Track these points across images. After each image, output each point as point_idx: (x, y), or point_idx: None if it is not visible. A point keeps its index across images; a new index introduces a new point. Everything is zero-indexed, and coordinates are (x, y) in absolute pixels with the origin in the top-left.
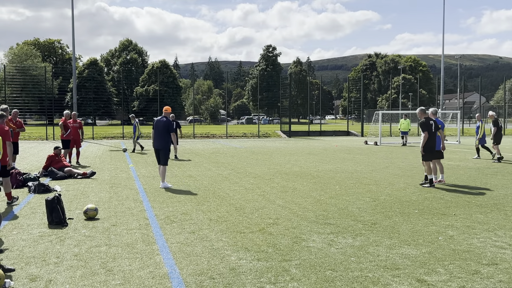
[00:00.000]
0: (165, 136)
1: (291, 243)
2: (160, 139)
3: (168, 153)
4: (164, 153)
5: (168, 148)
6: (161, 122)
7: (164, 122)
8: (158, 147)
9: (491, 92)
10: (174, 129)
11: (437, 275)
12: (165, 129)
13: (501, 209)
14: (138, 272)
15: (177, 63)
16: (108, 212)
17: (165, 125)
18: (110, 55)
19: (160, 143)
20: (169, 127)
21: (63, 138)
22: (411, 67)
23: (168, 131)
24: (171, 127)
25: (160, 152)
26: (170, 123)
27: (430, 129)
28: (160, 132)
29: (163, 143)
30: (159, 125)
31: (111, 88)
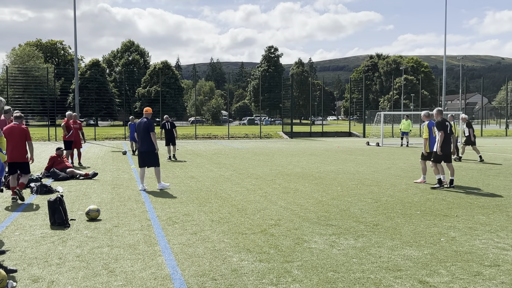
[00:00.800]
0: (147, 137)
1: (293, 244)
2: (143, 141)
3: (155, 154)
4: (150, 155)
5: (153, 149)
6: (141, 124)
7: (144, 123)
8: (142, 149)
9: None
10: (153, 129)
11: (439, 277)
12: (145, 130)
13: (503, 211)
14: (140, 273)
15: (179, 64)
16: (110, 213)
17: (145, 126)
18: (112, 56)
19: (144, 145)
20: (149, 127)
21: (66, 139)
22: (413, 68)
23: (148, 132)
24: (151, 127)
25: (144, 155)
26: (150, 124)
27: (446, 130)
28: (141, 134)
29: (147, 144)
30: (140, 127)
31: (113, 89)
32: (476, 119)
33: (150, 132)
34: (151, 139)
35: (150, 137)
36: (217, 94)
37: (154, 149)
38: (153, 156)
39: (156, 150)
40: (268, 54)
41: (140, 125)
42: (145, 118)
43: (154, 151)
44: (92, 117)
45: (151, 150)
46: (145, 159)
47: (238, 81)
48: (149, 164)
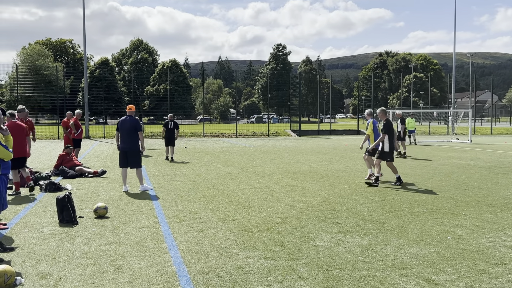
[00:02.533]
0: (133, 136)
1: (299, 242)
2: (127, 140)
3: (139, 154)
4: (133, 155)
5: (137, 149)
6: (126, 122)
7: (129, 121)
8: (125, 148)
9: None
10: (141, 128)
11: (445, 275)
12: (132, 128)
13: (511, 209)
14: (147, 270)
15: (187, 62)
16: (118, 211)
17: (131, 125)
18: (121, 55)
19: (127, 144)
20: (136, 126)
21: (74, 137)
22: (422, 66)
23: (135, 130)
24: (138, 125)
25: (128, 154)
26: (136, 122)
27: (392, 132)
28: (126, 132)
29: (131, 144)
30: (125, 125)
31: (122, 87)
32: (486, 117)
33: (138, 131)
34: (136, 139)
35: (136, 136)
36: (225, 92)
37: (138, 149)
38: (137, 156)
39: (142, 150)
40: (276, 52)
41: (125, 123)
42: (129, 116)
43: (139, 151)
44: (101, 116)
45: (136, 150)
46: (128, 159)
47: (246, 79)
48: (131, 165)
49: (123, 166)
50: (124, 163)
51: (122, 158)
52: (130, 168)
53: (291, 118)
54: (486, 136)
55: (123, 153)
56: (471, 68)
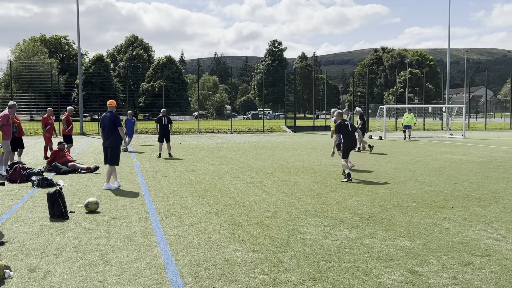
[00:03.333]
0: (112, 132)
1: (287, 235)
2: (107, 135)
3: (117, 151)
4: (112, 151)
5: (117, 145)
6: (106, 118)
7: (109, 116)
8: (105, 144)
9: (498, 86)
10: (121, 123)
11: (429, 266)
12: (110, 124)
13: (499, 202)
14: (135, 263)
15: (183, 58)
16: (109, 206)
17: (110, 120)
18: (116, 51)
19: (107, 140)
20: (116, 122)
21: (65, 133)
22: (418, 61)
23: (114, 126)
24: (118, 121)
25: (108, 150)
26: (116, 117)
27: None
28: (106, 128)
29: (111, 140)
30: (105, 121)
31: (117, 84)
32: (481, 113)
33: (117, 127)
34: (117, 134)
35: (116, 132)
36: (221, 88)
37: (118, 145)
38: (115, 153)
39: (121, 146)
40: (272, 48)
41: (105, 119)
42: (109, 112)
43: (118, 148)
44: (96, 112)
45: (115, 146)
46: (108, 154)
47: (242, 76)
48: (109, 161)
49: (106, 163)
50: (107, 160)
51: (104, 154)
52: (105, 164)
53: (287, 114)
54: (480, 132)
55: (105, 149)
56: (465, 64)
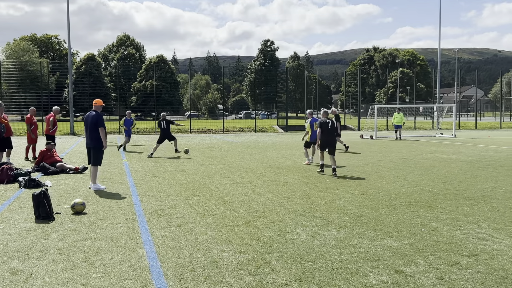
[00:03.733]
0: (95, 132)
1: (275, 235)
2: (91, 136)
3: (100, 152)
4: (94, 152)
5: (99, 146)
6: (89, 117)
7: (92, 116)
8: (88, 144)
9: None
10: (104, 124)
11: (416, 266)
12: (92, 124)
13: (488, 201)
14: (120, 265)
15: (175, 58)
16: (96, 207)
17: (93, 120)
18: (107, 50)
19: (89, 140)
20: (98, 121)
21: (49, 134)
22: (409, 61)
23: (96, 127)
24: (100, 121)
25: (91, 150)
26: (98, 117)
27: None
28: (89, 128)
29: (93, 140)
30: (87, 120)
31: (109, 83)
32: (472, 112)
33: (99, 127)
34: (99, 135)
35: (97, 132)
36: (213, 88)
37: (100, 146)
38: (98, 153)
39: (103, 147)
40: (264, 47)
41: (88, 118)
42: (94, 111)
43: (101, 148)
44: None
45: (97, 147)
46: (91, 154)
47: (235, 75)
48: (91, 161)
49: (89, 163)
50: (90, 160)
51: (88, 154)
52: (89, 164)
53: (279, 113)
54: (471, 131)
55: (88, 149)
56: (456, 64)
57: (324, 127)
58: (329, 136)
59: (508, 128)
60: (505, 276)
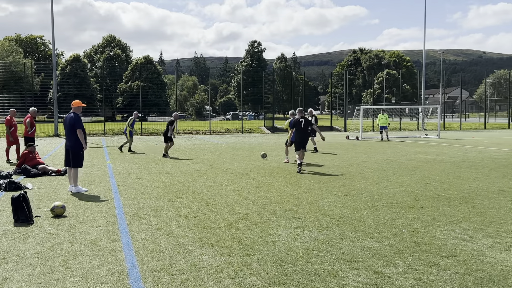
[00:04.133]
0: (73, 134)
1: (256, 237)
2: (69, 138)
3: (79, 154)
4: (74, 153)
5: (78, 148)
6: (67, 119)
7: (70, 118)
8: (67, 146)
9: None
10: (81, 126)
11: (395, 267)
12: (70, 126)
13: (469, 202)
14: (98, 269)
15: (162, 58)
16: (77, 210)
17: (70, 122)
18: (93, 51)
19: (68, 142)
20: (75, 123)
21: (28, 135)
22: (395, 63)
23: (74, 128)
24: (78, 122)
25: (69, 152)
26: (76, 119)
27: (298, 127)
28: (67, 130)
29: (71, 142)
30: (66, 122)
31: (94, 84)
32: (457, 113)
33: (76, 129)
34: (76, 137)
35: (75, 134)
36: (200, 89)
37: (79, 148)
38: (76, 155)
39: (83, 149)
40: (251, 48)
41: (66, 120)
42: (72, 113)
43: (80, 150)
44: None
45: (76, 149)
46: (69, 157)
47: (222, 76)
48: (71, 163)
49: (66, 165)
50: (68, 162)
51: (65, 156)
52: (65, 166)
53: (265, 114)
54: (455, 132)
55: (66, 151)
56: (441, 65)
57: (297, 126)
58: (303, 135)
59: (492, 129)
60: (483, 276)
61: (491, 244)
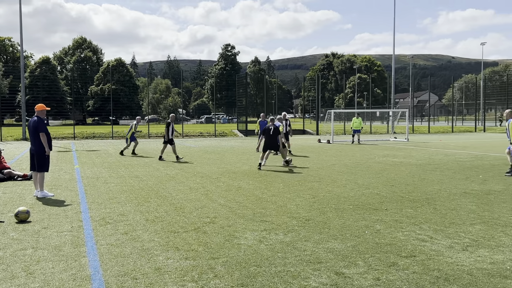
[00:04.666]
0: (37, 138)
1: (223, 241)
2: (33, 141)
3: (43, 158)
4: (38, 158)
5: (42, 152)
6: (31, 122)
7: (34, 121)
8: (32, 150)
9: (443, 91)
10: (44, 129)
11: (356, 268)
12: (34, 129)
13: (431, 204)
14: (60, 274)
15: (135, 61)
16: (42, 215)
17: (34, 125)
18: (63, 53)
19: (33, 146)
20: (38, 127)
21: None
22: (366, 67)
23: (37, 132)
24: (41, 126)
25: (34, 157)
26: (39, 123)
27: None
28: (31, 134)
29: (36, 146)
30: (29, 126)
31: (65, 87)
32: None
33: (39, 132)
34: (40, 141)
35: (39, 138)
36: (174, 92)
37: (43, 152)
38: (41, 159)
39: (46, 152)
40: (225, 52)
41: (30, 124)
42: (36, 117)
43: (44, 154)
44: None
45: (40, 153)
46: (35, 161)
47: (196, 79)
48: (36, 168)
49: (32, 169)
50: (33, 166)
51: (31, 160)
52: (31, 170)
53: (239, 118)
54: (424, 135)
55: (31, 156)
56: (410, 70)
57: (267, 133)
58: (271, 140)
59: (459, 132)
60: (439, 276)
61: (449, 244)
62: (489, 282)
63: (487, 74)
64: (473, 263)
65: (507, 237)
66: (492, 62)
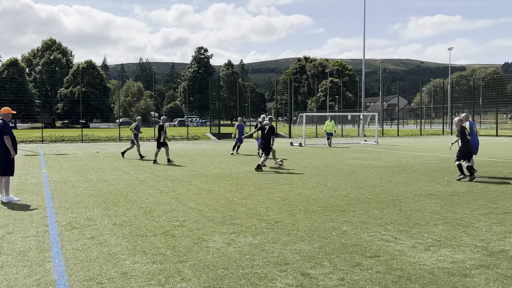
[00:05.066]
0: (1, 141)
1: (191, 244)
2: None
3: (8, 161)
4: (2, 161)
5: (7, 155)
6: None
7: None
8: None
9: (412, 95)
10: (9, 132)
11: (322, 268)
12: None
13: (397, 205)
14: (24, 280)
15: (106, 63)
16: (6, 220)
17: None
18: (32, 55)
19: None
20: (3, 129)
21: None
22: (338, 71)
23: (1, 135)
24: (5, 129)
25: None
26: (4, 126)
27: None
28: None
29: (0, 149)
30: None
31: (33, 89)
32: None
33: (3, 135)
34: (4, 144)
35: (3, 141)
36: (146, 95)
37: (8, 155)
38: (6, 162)
39: (11, 155)
40: (198, 55)
41: None
42: (0, 120)
43: (9, 157)
44: None
45: (5, 156)
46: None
47: (169, 82)
48: (1, 171)
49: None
50: None
51: None
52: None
53: (212, 121)
54: (393, 138)
55: None
56: (380, 74)
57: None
58: (264, 140)
59: (428, 135)
60: (402, 275)
61: (412, 244)
62: (449, 281)
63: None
64: (435, 262)
65: (468, 237)
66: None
